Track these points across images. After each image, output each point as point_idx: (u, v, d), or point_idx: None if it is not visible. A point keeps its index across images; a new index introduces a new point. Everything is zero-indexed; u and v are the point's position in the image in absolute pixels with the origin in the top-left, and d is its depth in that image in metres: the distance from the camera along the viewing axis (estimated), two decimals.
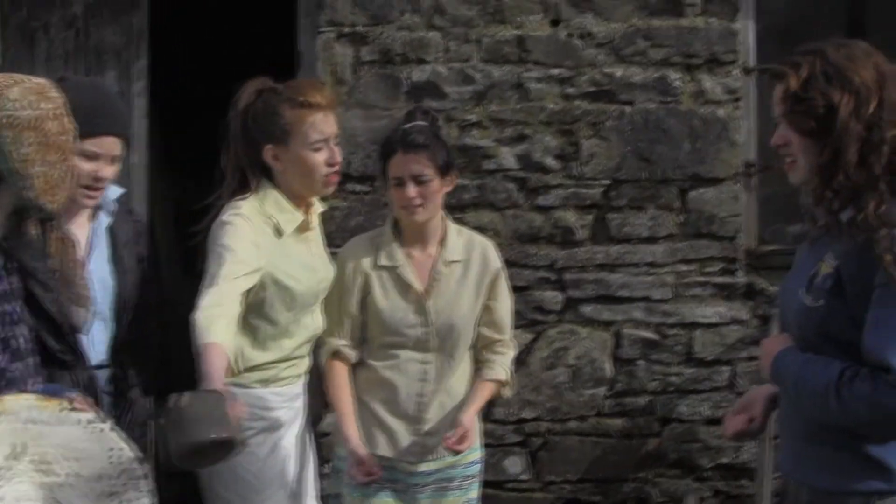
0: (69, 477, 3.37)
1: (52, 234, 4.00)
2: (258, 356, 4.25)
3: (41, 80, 3.50)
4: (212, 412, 3.43)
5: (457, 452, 4.55)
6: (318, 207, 4.52)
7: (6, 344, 3.49)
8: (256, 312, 4.20)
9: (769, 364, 3.32)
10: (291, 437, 4.38)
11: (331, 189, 4.39)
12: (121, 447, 3.42)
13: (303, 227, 4.34)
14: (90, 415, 3.43)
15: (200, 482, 4.32)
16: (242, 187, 4.27)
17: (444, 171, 4.50)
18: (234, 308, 3.92)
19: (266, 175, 4.30)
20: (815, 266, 3.23)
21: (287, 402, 4.36)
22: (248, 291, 4.07)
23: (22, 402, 3.37)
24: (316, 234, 4.48)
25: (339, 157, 4.33)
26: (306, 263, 4.34)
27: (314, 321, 4.43)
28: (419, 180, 4.45)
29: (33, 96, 3.40)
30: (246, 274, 4.02)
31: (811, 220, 3.27)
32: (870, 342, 3.06)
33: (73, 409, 3.40)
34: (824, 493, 3.23)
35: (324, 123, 4.27)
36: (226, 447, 3.49)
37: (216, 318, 3.78)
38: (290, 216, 4.28)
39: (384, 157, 4.52)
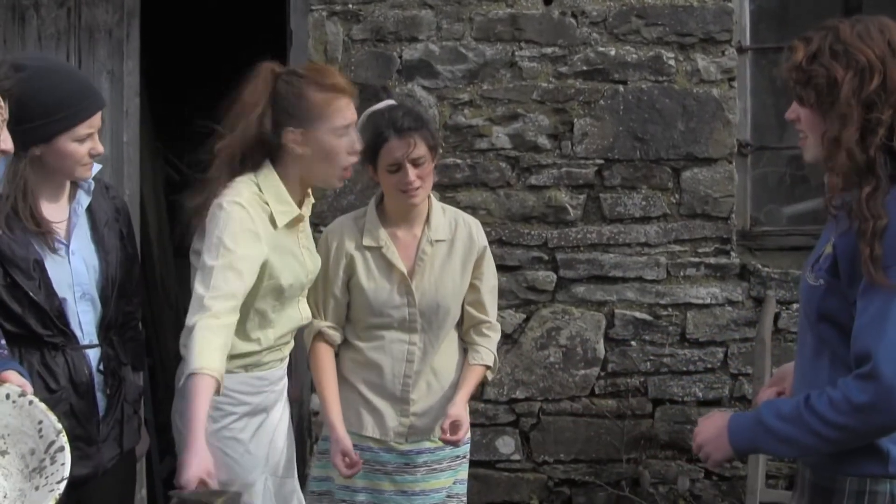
0: (3, 456, 3.30)
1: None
2: (240, 345, 4.15)
3: None
4: None
5: (455, 444, 4.55)
6: (311, 199, 4.44)
7: None
8: (243, 302, 4.07)
9: (727, 437, 3.30)
10: (274, 419, 4.35)
11: (341, 182, 4.29)
12: (48, 419, 3.34)
13: (296, 221, 4.24)
14: (16, 388, 3.36)
15: None
16: (236, 172, 4.16)
17: (434, 149, 4.48)
18: (229, 322, 3.84)
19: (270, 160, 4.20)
20: (823, 246, 3.24)
21: (269, 386, 4.30)
22: None
23: None
24: (305, 224, 4.37)
25: (359, 146, 4.22)
26: (296, 255, 4.26)
27: (299, 312, 4.36)
28: (417, 163, 4.42)
29: None
30: (243, 277, 3.93)
31: (826, 198, 3.26)
32: (855, 331, 3.08)
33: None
34: (823, 474, 3.24)
35: (348, 109, 4.17)
36: None
37: (211, 339, 3.73)
38: (286, 209, 4.17)
39: (375, 145, 4.44)
